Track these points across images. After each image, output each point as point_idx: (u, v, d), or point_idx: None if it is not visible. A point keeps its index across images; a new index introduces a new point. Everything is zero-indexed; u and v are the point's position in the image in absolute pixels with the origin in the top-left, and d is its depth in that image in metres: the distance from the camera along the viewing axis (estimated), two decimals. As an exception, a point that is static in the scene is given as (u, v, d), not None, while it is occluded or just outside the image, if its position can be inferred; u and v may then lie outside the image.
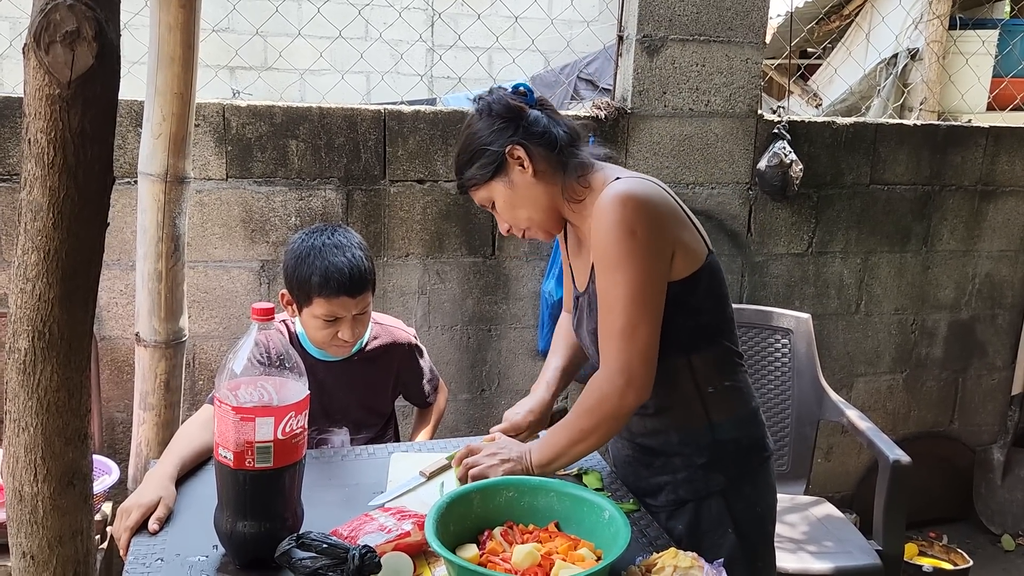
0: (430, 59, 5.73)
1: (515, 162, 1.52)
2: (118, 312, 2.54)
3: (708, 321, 1.55)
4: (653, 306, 1.44)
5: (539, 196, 1.54)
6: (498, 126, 1.53)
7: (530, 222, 1.58)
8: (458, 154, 1.59)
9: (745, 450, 1.60)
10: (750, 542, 1.58)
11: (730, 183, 2.95)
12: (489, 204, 1.59)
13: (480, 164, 1.54)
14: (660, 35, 2.78)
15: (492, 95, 1.57)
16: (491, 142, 1.52)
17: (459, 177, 1.59)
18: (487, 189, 1.56)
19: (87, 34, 1.02)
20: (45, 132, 1.04)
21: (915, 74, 3.92)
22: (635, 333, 1.43)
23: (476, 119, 1.57)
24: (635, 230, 1.42)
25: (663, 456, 1.60)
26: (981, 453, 3.53)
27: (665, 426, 1.59)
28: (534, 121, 1.53)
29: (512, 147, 1.51)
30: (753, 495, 1.60)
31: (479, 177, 1.55)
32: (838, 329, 3.23)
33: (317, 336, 1.85)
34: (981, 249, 3.33)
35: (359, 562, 1.19)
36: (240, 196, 2.56)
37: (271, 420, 1.28)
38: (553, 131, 1.54)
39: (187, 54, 2.03)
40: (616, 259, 1.42)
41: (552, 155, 1.53)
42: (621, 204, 1.42)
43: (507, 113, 1.53)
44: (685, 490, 1.58)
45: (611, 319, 1.45)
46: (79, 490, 1.20)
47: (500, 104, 1.54)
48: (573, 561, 1.28)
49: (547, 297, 2.81)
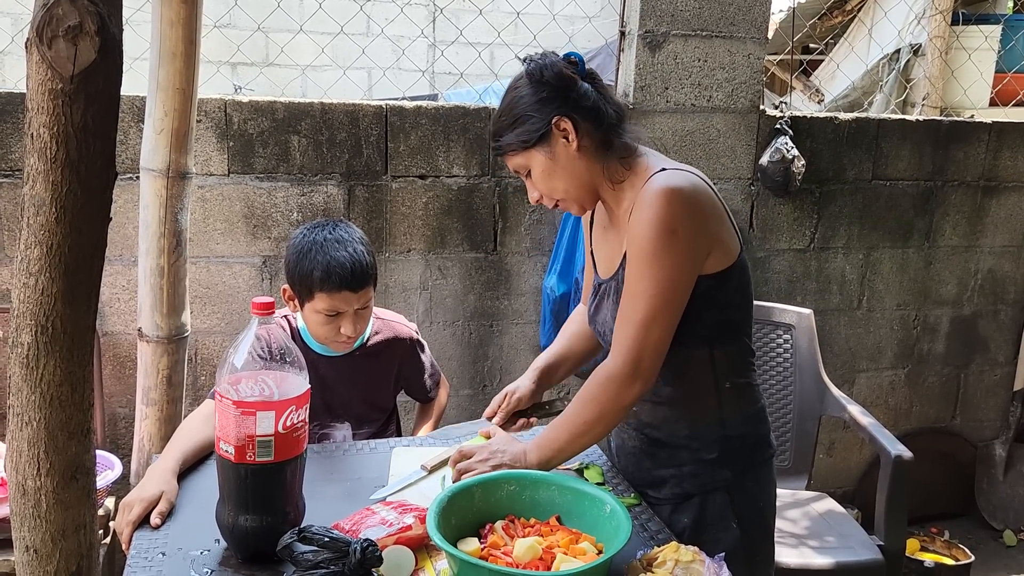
0: (432, 55, 5.73)
1: (560, 134, 1.47)
2: (120, 308, 2.54)
3: (734, 316, 1.55)
4: (677, 304, 1.44)
5: (579, 171, 1.49)
6: (547, 94, 1.46)
7: (566, 194, 1.53)
8: (499, 115, 1.53)
9: (751, 447, 1.61)
10: (751, 537, 1.59)
11: (732, 179, 2.95)
12: (524, 171, 1.53)
13: (522, 130, 1.47)
14: (662, 30, 2.77)
15: (544, 59, 1.49)
16: (537, 110, 1.46)
17: (496, 139, 1.53)
18: (525, 156, 1.50)
19: (89, 29, 1.02)
20: (48, 127, 1.04)
21: (917, 69, 3.92)
22: (652, 327, 1.42)
23: (524, 83, 1.50)
24: (676, 229, 1.40)
25: (669, 448, 1.60)
26: (983, 449, 3.53)
27: (676, 417, 1.58)
28: (584, 94, 1.48)
29: (560, 118, 1.46)
30: (756, 490, 1.61)
31: (519, 144, 1.49)
32: (840, 325, 3.22)
33: (319, 331, 1.85)
34: (983, 245, 3.33)
35: (360, 556, 1.19)
36: (242, 192, 2.56)
37: (272, 414, 1.28)
38: (602, 107, 1.49)
39: (189, 49, 2.03)
40: (653, 254, 1.40)
41: (598, 131, 1.49)
42: (666, 199, 1.40)
43: (557, 81, 1.46)
44: (690, 484, 1.58)
45: (632, 308, 1.44)
46: (82, 484, 1.21)
47: (552, 71, 1.47)
48: (574, 555, 1.28)
49: (549, 293, 2.81)
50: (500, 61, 4.34)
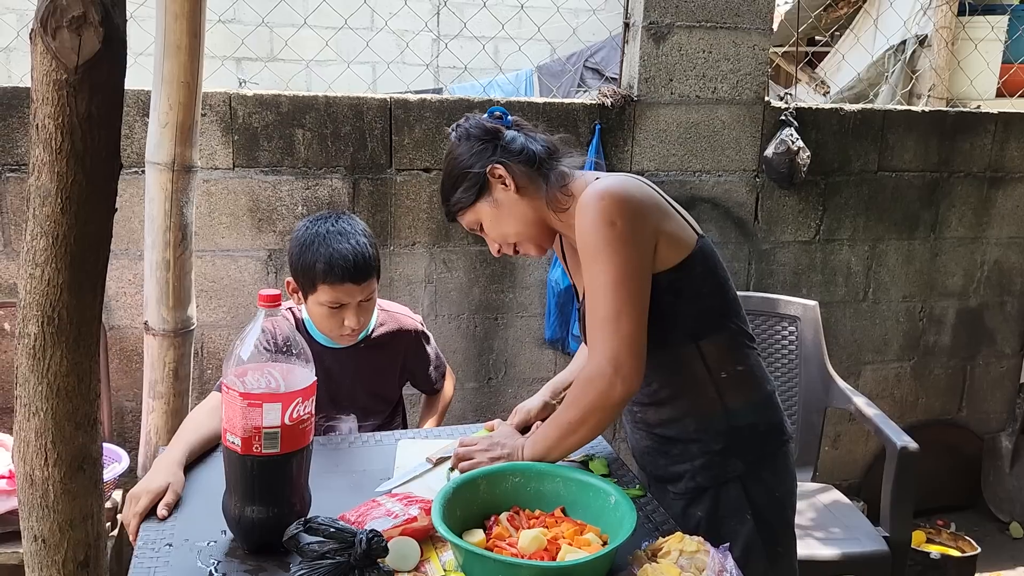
0: (436, 48, 5.72)
1: (497, 181, 1.56)
2: (127, 301, 2.55)
3: (711, 304, 1.56)
4: (636, 295, 1.45)
5: (524, 211, 1.58)
6: (477, 148, 1.57)
7: (519, 237, 1.61)
8: (443, 182, 1.63)
9: (762, 435, 1.60)
10: (769, 527, 1.58)
11: (737, 170, 2.95)
12: (477, 227, 1.63)
13: (464, 187, 1.58)
14: (667, 22, 2.76)
15: (468, 121, 1.62)
16: (472, 164, 1.57)
17: (446, 204, 1.63)
18: (473, 212, 1.60)
19: (93, 19, 1.02)
20: (53, 117, 1.05)
21: (923, 60, 3.90)
22: (619, 321, 1.43)
23: (456, 145, 1.61)
24: (614, 221, 1.44)
25: (681, 444, 1.60)
26: (989, 441, 3.52)
27: (681, 414, 1.59)
28: (511, 140, 1.58)
29: (492, 166, 1.55)
30: (772, 480, 1.61)
31: (465, 200, 1.59)
32: (845, 317, 3.22)
33: (323, 324, 1.85)
34: (990, 236, 3.31)
35: (366, 547, 1.20)
36: (247, 185, 2.56)
37: (278, 406, 1.28)
38: (531, 147, 1.58)
39: (193, 43, 2.03)
40: (596, 249, 1.45)
41: (532, 170, 1.57)
42: (599, 198, 1.46)
43: (484, 135, 1.58)
44: (703, 477, 1.58)
45: (595, 308, 1.46)
46: (89, 474, 1.21)
47: (477, 127, 1.60)
48: (579, 546, 1.28)
49: (553, 286, 2.81)
50: (504, 54, 4.34)
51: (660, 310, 1.49)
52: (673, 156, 2.87)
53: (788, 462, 1.64)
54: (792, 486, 1.66)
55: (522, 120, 1.66)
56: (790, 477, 1.65)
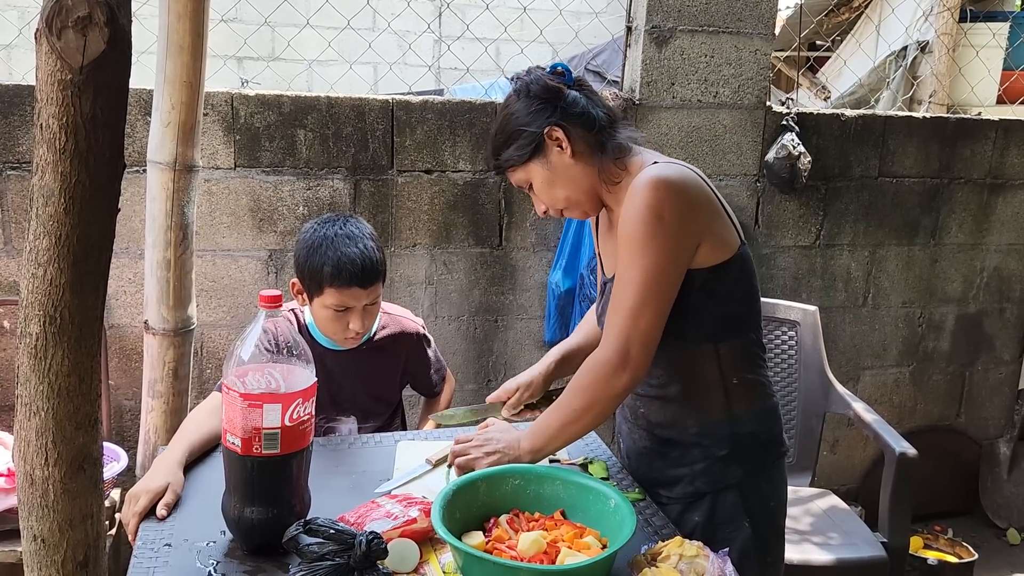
0: (438, 50, 5.72)
1: (553, 143, 1.51)
2: (127, 300, 2.55)
3: (737, 311, 1.55)
4: (665, 292, 1.44)
5: (578, 177, 1.53)
6: (536, 107, 1.51)
7: (568, 202, 1.56)
8: (495, 135, 1.57)
9: (762, 444, 1.60)
10: (762, 536, 1.58)
11: (738, 175, 2.95)
12: (526, 185, 1.58)
13: (518, 145, 1.52)
14: (669, 26, 2.77)
15: (530, 75, 1.54)
16: (529, 123, 1.51)
17: (495, 158, 1.57)
18: (525, 170, 1.55)
19: (99, 19, 1.02)
20: (57, 117, 1.05)
21: (925, 67, 3.90)
22: (641, 314, 1.42)
23: (513, 99, 1.55)
24: (663, 215, 1.41)
25: (680, 447, 1.59)
26: (987, 447, 3.53)
27: (685, 414, 1.58)
28: (572, 102, 1.52)
29: (551, 128, 1.50)
30: (767, 489, 1.61)
31: (517, 158, 1.53)
32: (845, 322, 3.22)
33: (327, 326, 1.85)
34: (990, 242, 3.32)
35: (366, 548, 1.20)
36: (248, 185, 2.57)
37: (278, 407, 1.29)
38: (592, 112, 1.52)
39: (196, 43, 2.03)
40: (640, 240, 1.42)
41: (591, 136, 1.52)
42: (653, 187, 1.42)
43: (545, 94, 1.52)
44: (702, 482, 1.57)
45: (621, 296, 1.45)
46: (89, 474, 1.21)
47: (538, 84, 1.52)
48: (579, 549, 1.28)
49: (554, 288, 2.81)
50: (506, 56, 4.34)
51: (688, 305, 1.48)
52: (674, 160, 2.87)
53: (783, 472, 1.65)
54: (785, 496, 1.66)
55: (585, 80, 1.59)
56: (784, 487, 1.65)
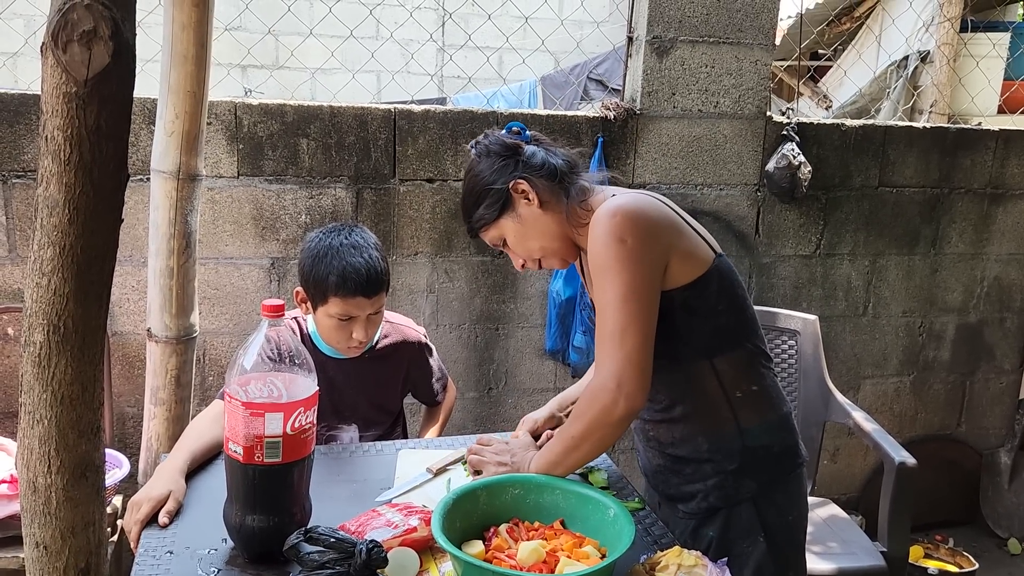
0: (440, 59, 5.75)
1: (520, 196, 1.57)
2: (130, 308, 2.56)
3: (726, 323, 1.55)
4: (643, 312, 1.45)
5: (548, 225, 1.58)
6: (499, 164, 1.58)
7: (544, 251, 1.62)
8: (464, 198, 1.64)
9: (777, 456, 1.59)
10: (781, 550, 1.57)
11: (738, 184, 2.96)
12: (500, 242, 1.63)
13: (487, 204, 1.58)
14: (670, 36, 2.78)
15: (487, 138, 1.62)
16: (494, 180, 1.57)
17: (468, 220, 1.63)
18: (497, 228, 1.60)
19: (103, 33, 1.03)
20: (62, 129, 1.06)
21: (925, 77, 3.92)
22: (624, 337, 1.43)
23: (476, 162, 1.61)
24: (624, 238, 1.44)
25: (694, 463, 1.59)
26: (988, 457, 3.53)
27: (694, 432, 1.58)
28: (532, 155, 1.59)
29: (515, 181, 1.56)
30: (784, 503, 1.60)
31: (488, 216, 1.59)
32: (845, 331, 3.22)
33: (331, 335, 1.86)
34: (990, 252, 3.32)
35: (366, 556, 1.20)
36: (251, 194, 2.58)
37: (280, 415, 1.29)
38: (551, 161, 1.59)
39: (200, 53, 2.04)
40: (605, 265, 1.45)
41: (554, 184, 1.58)
42: (611, 215, 1.46)
43: (504, 151, 1.59)
44: (716, 496, 1.57)
45: (602, 323, 1.47)
46: (91, 482, 1.22)
47: (497, 144, 1.60)
48: (578, 558, 1.29)
49: (555, 297, 2.82)
50: (508, 65, 4.36)
51: (674, 326, 1.49)
52: (675, 169, 2.88)
53: (801, 485, 1.63)
54: (804, 510, 1.65)
55: (541, 135, 1.66)
56: (803, 500, 1.64)
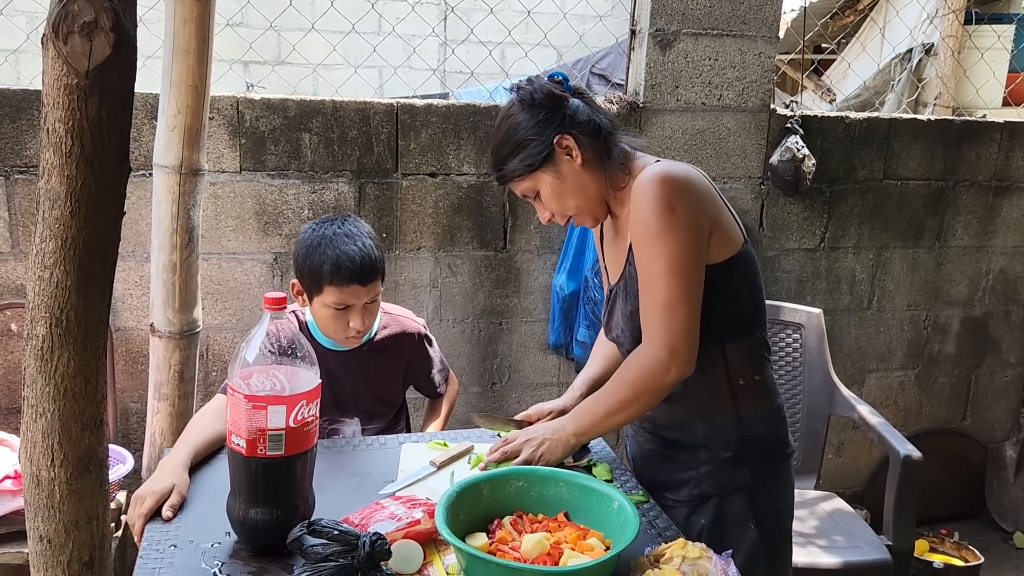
0: (443, 53, 5.74)
1: (563, 152, 1.51)
2: (133, 303, 2.56)
3: (743, 309, 1.56)
4: (693, 282, 1.44)
5: (587, 184, 1.53)
6: (543, 116, 1.50)
7: (579, 209, 1.57)
8: (498, 144, 1.56)
9: (770, 446, 1.60)
10: (770, 538, 1.58)
11: (742, 177, 2.95)
12: (532, 194, 1.57)
13: (525, 155, 1.51)
14: (673, 29, 2.77)
15: (532, 84, 1.53)
16: (537, 132, 1.50)
17: (499, 168, 1.56)
18: (532, 180, 1.54)
19: (104, 24, 1.03)
20: (63, 121, 1.05)
21: (930, 69, 3.90)
22: (676, 307, 1.43)
23: (516, 110, 1.53)
24: (674, 207, 1.42)
25: (688, 449, 1.59)
26: (993, 450, 3.52)
27: (692, 416, 1.58)
28: (576, 109, 1.52)
29: (561, 136, 1.50)
30: (775, 491, 1.61)
31: (523, 168, 1.52)
32: (850, 324, 3.22)
33: (328, 326, 1.86)
34: (995, 245, 3.31)
35: (369, 549, 1.20)
36: (253, 189, 2.58)
37: (283, 408, 1.29)
38: (596, 119, 1.53)
39: (202, 47, 2.04)
40: (656, 233, 1.43)
41: (597, 143, 1.52)
42: (660, 182, 1.43)
43: (550, 102, 1.51)
44: (709, 484, 1.58)
45: (652, 292, 1.45)
46: (95, 475, 1.21)
47: (543, 93, 1.51)
48: (582, 550, 1.28)
49: (558, 291, 2.82)
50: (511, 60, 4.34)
51: None
52: (678, 163, 2.87)
53: (790, 474, 1.65)
54: (792, 498, 1.66)
55: (583, 87, 1.58)
56: (791, 489, 1.65)
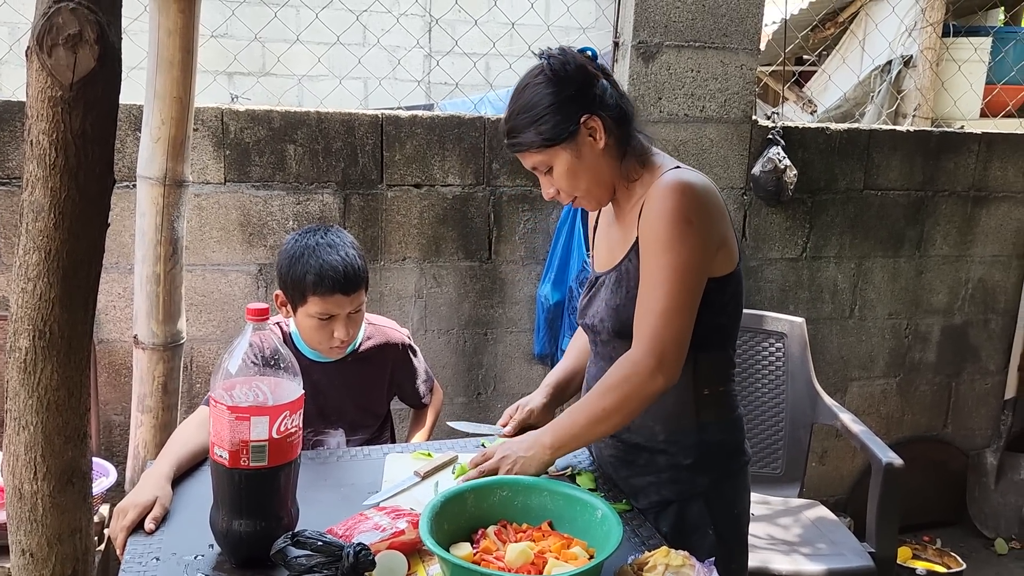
0: (427, 65, 5.75)
1: (587, 132, 1.46)
2: (116, 315, 2.55)
3: (725, 324, 1.57)
4: (694, 294, 1.45)
5: (603, 169, 1.50)
6: (572, 91, 1.44)
7: (587, 193, 1.52)
8: (517, 112, 1.47)
9: (728, 453, 1.62)
10: (727, 544, 1.59)
11: (725, 188, 2.97)
12: (543, 168, 1.50)
13: (546, 128, 1.44)
14: (655, 41, 2.80)
15: (565, 55, 1.46)
16: (563, 107, 1.44)
17: (513, 136, 1.48)
18: (547, 155, 1.47)
19: (89, 37, 1.04)
20: (47, 134, 1.06)
21: (909, 81, 3.95)
22: (673, 317, 1.43)
23: (543, 79, 1.45)
24: (691, 219, 1.42)
25: (647, 453, 1.60)
26: (974, 457, 3.55)
27: (653, 420, 1.58)
28: (604, 91, 1.47)
29: (589, 116, 1.45)
30: (732, 497, 1.62)
31: (541, 142, 1.46)
32: (832, 333, 3.24)
33: (312, 336, 1.86)
34: (974, 254, 3.35)
35: (354, 560, 1.20)
36: (238, 200, 2.57)
37: (266, 419, 1.29)
38: (623, 105, 1.49)
39: (186, 59, 2.04)
40: (669, 243, 1.42)
41: (620, 130, 1.49)
42: (681, 192, 1.43)
43: (581, 78, 1.45)
44: (669, 490, 1.58)
45: (653, 299, 1.44)
46: (78, 488, 1.21)
47: (576, 68, 1.45)
48: (566, 560, 1.29)
49: (543, 301, 2.83)
50: (495, 71, 4.36)
51: None
52: (661, 173, 2.89)
53: (747, 481, 1.66)
54: (748, 504, 1.67)
55: (608, 68, 1.52)
56: (747, 494, 1.66)
